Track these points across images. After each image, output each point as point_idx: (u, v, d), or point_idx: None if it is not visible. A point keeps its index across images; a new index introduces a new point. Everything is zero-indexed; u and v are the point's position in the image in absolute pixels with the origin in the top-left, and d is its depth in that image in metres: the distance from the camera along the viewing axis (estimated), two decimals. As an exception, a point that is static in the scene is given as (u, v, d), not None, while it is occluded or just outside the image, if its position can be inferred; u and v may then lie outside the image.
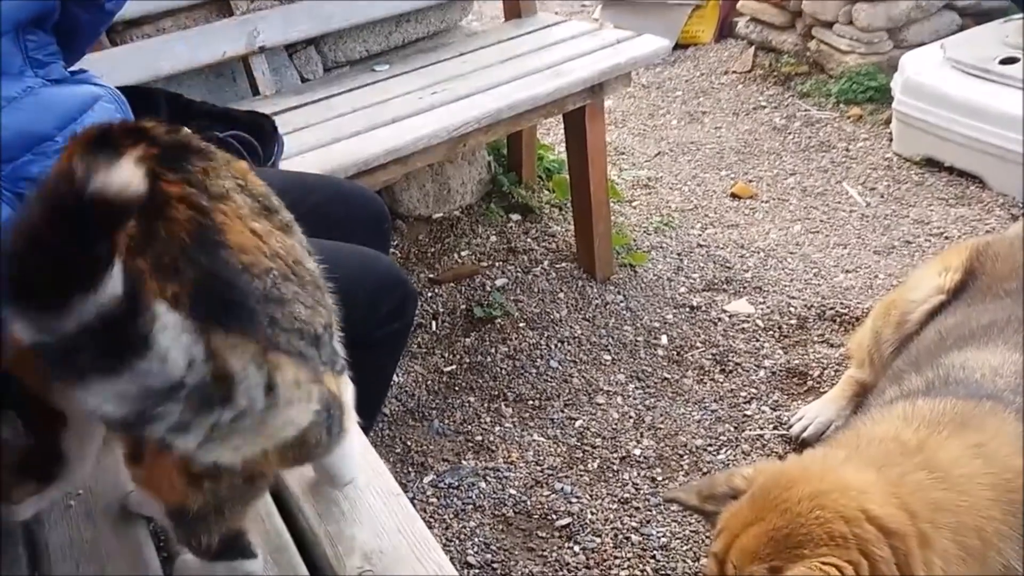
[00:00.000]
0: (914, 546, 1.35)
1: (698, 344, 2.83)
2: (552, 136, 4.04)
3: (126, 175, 0.79)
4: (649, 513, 2.25)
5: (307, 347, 1.09)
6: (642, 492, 2.31)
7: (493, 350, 2.85)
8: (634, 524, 2.23)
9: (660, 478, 2.35)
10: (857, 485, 1.41)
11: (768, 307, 2.95)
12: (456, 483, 2.37)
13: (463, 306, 3.04)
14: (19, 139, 1.50)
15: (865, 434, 1.65)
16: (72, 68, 1.67)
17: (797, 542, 1.35)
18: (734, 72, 4.78)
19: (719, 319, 2.92)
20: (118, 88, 1.72)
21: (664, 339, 2.86)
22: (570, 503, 2.29)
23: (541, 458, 2.45)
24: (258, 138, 2.02)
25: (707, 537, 2.16)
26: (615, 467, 2.40)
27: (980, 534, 1.42)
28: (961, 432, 1.57)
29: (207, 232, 1.02)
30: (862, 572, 1.32)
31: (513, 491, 2.34)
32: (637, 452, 2.44)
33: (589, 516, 2.25)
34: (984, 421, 1.59)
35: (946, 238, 3.24)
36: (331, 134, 2.58)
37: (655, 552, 2.15)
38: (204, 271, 1.00)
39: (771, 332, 2.85)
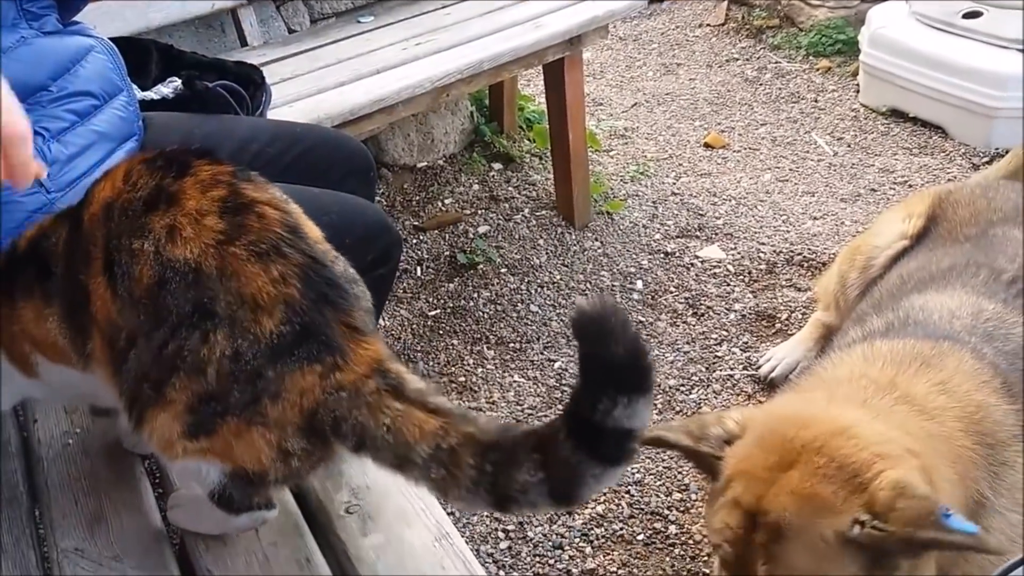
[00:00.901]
0: (929, 467, 1.34)
1: (672, 289, 2.83)
2: (532, 87, 3.99)
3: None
4: (624, 449, 2.26)
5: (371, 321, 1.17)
6: (618, 429, 2.33)
7: (476, 295, 2.84)
8: (610, 459, 2.24)
9: (635, 416, 2.36)
10: (862, 419, 1.38)
11: (739, 253, 2.95)
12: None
13: (447, 252, 3.02)
14: (14, 89, 1.48)
15: (829, 377, 1.65)
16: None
17: (853, 472, 1.27)
18: (708, 25, 4.73)
19: (692, 264, 2.92)
20: (110, 39, 1.69)
21: (639, 284, 2.86)
22: (549, 440, 2.30)
23: (521, 398, 2.45)
24: (247, 88, 1.99)
25: (679, 473, 2.18)
26: (592, 406, 2.40)
27: (961, 463, 1.42)
28: (925, 370, 1.57)
29: (295, 226, 1.11)
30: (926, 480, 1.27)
31: (495, 429, 2.35)
32: (613, 391, 2.45)
33: (567, 452, 2.26)
34: (943, 360, 1.60)
35: (910, 186, 3.24)
36: (318, 84, 2.54)
37: (629, 487, 2.17)
38: (306, 256, 1.08)
39: (741, 277, 2.85)
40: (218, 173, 1.12)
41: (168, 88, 1.91)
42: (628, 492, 2.15)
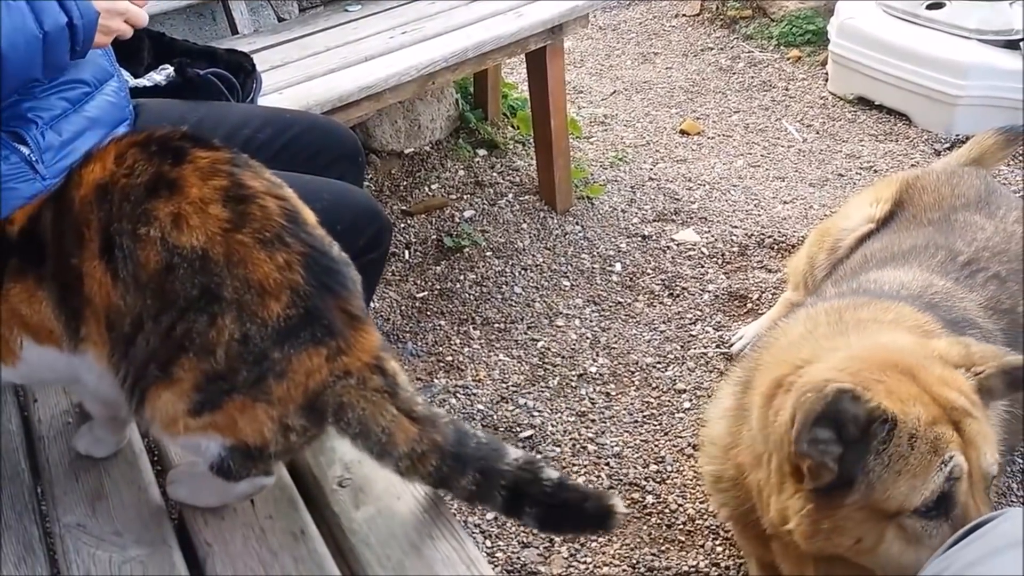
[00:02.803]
0: None
1: (649, 271, 2.83)
2: (516, 75, 3.97)
3: None
4: (604, 425, 2.28)
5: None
6: (597, 406, 2.34)
7: (462, 277, 2.84)
8: (590, 435, 2.25)
9: (613, 393, 2.38)
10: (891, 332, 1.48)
11: (712, 236, 2.96)
12: (428, 400, 2.37)
13: (434, 236, 3.02)
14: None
15: (784, 343, 1.61)
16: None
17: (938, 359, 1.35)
18: (684, 15, 4.72)
19: (668, 247, 2.93)
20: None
21: (618, 266, 2.86)
22: (532, 417, 2.31)
23: (506, 376, 2.46)
24: (237, 76, 1.97)
25: (656, 446, 2.20)
26: (573, 383, 2.42)
27: None
28: (863, 306, 1.60)
29: (294, 214, 1.11)
30: None
31: (481, 406, 2.35)
32: (593, 370, 2.46)
33: (550, 428, 2.28)
34: (879, 301, 1.62)
35: (875, 172, 3.26)
36: (307, 72, 2.52)
37: (608, 460, 2.18)
38: (307, 244, 1.09)
39: (715, 259, 2.86)
40: (216, 160, 1.11)
41: (160, 75, 1.89)
42: (607, 464, 2.17)
